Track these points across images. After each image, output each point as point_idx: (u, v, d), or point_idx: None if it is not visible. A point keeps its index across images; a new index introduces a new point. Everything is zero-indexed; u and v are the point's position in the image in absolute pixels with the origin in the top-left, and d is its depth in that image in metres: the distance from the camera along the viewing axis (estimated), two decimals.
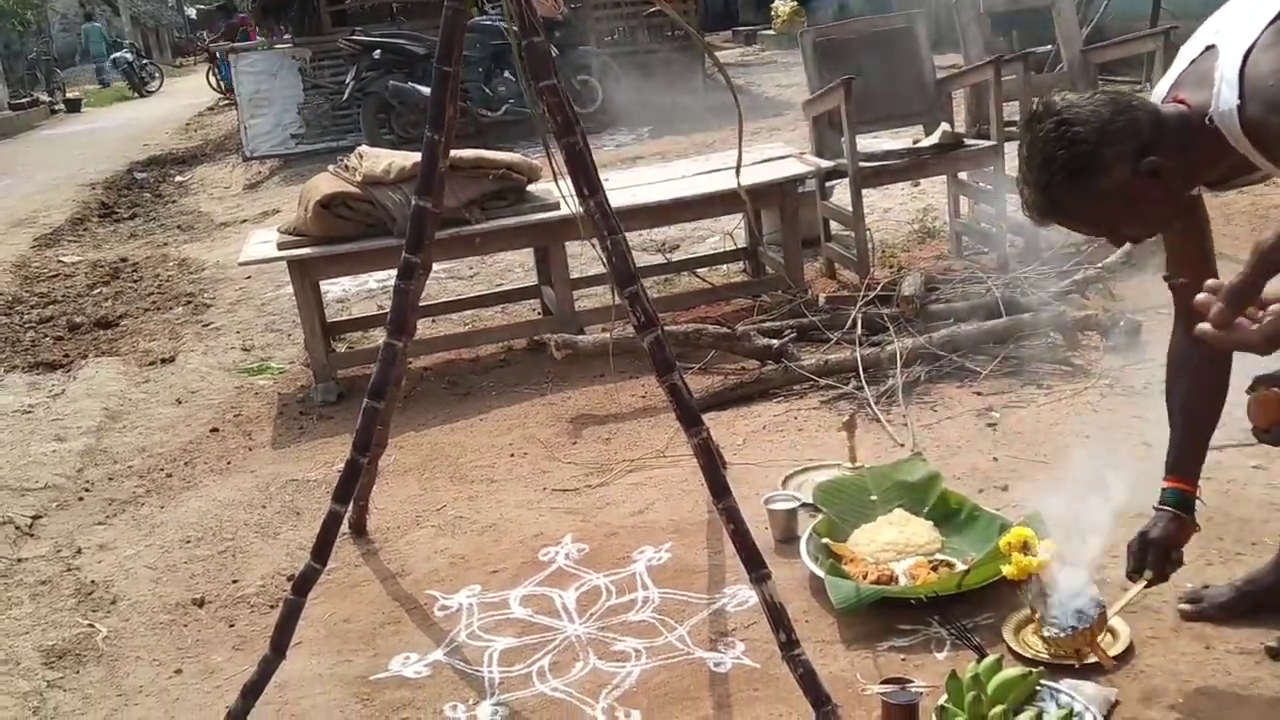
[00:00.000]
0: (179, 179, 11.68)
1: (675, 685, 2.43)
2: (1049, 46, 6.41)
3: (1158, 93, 2.08)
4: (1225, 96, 1.88)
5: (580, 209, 2.24)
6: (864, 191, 4.77)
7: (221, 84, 18.95)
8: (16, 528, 3.65)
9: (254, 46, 12.66)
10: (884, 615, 2.51)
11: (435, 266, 3.30)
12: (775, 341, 4.09)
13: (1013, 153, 4.91)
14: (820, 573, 2.62)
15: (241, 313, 6.02)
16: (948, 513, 2.85)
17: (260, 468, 3.93)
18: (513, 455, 3.75)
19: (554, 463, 3.65)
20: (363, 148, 4.58)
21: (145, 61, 26.64)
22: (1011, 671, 2.14)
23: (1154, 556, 2.28)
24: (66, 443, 4.37)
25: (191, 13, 25.42)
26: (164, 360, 5.30)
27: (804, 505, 3.01)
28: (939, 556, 2.68)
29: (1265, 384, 1.88)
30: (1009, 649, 2.34)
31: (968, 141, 4.93)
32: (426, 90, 9.69)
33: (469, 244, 4.44)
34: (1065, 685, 2.18)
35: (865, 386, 3.76)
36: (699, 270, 5.29)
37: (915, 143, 5.02)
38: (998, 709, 2.06)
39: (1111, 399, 3.51)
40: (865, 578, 2.59)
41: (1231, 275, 1.38)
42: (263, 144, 11.58)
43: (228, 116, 15.79)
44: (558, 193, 4.35)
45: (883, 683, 2.20)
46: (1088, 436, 3.28)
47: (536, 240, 4.70)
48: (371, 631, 2.80)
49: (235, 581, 3.15)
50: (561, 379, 4.35)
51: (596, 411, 4.03)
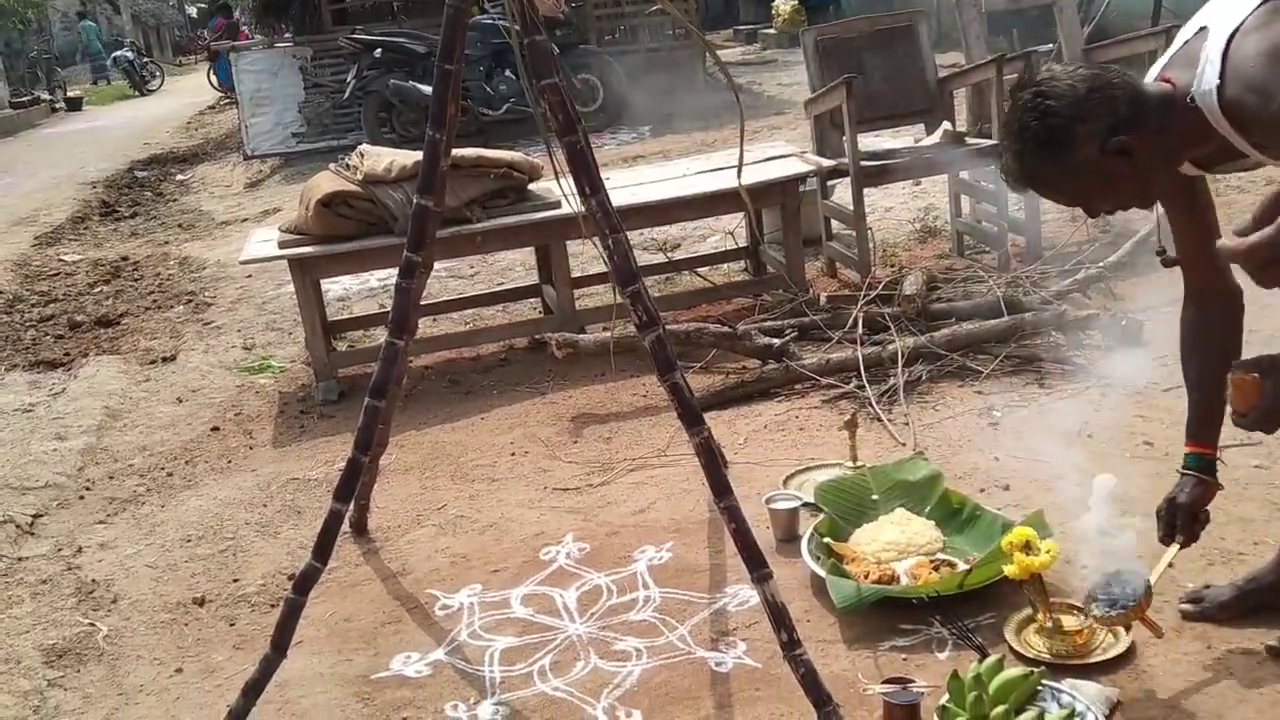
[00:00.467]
0: (180, 178, 11.68)
1: (676, 685, 2.42)
2: (1050, 45, 6.41)
3: (1151, 74, 2.09)
4: (1207, 76, 1.90)
5: (582, 208, 2.24)
6: (865, 190, 4.77)
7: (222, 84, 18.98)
8: (17, 526, 3.65)
9: (246, 46, 12.64)
10: (885, 615, 2.51)
11: (436, 265, 3.30)
12: (776, 340, 4.09)
13: None
14: (822, 572, 2.62)
15: (242, 311, 6.02)
16: (949, 512, 2.85)
17: (261, 466, 3.93)
18: (514, 454, 3.75)
19: (555, 462, 3.65)
20: (364, 146, 4.57)
21: (146, 60, 26.65)
22: (1013, 671, 2.14)
23: (1183, 520, 2.29)
24: (67, 441, 4.37)
25: (192, 11, 25.42)
26: (165, 359, 5.30)
27: (805, 504, 3.00)
28: (940, 556, 2.68)
29: (1244, 369, 1.90)
30: (1010, 649, 2.34)
31: (969, 140, 4.92)
32: (427, 89, 9.67)
33: (470, 243, 4.44)
34: (1067, 685, 2.18)
35: (867, 386, 3.75)
36: (700, 269, 5.29)
37: (917, 141, 5.02)
38: (999, 709, 2.06)
39: (1114, 398, 3.51)
40: (867, 577, 2.59)
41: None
42: (264, 143, 11.57)
43: (228, 115, 15.79)
44: (559, 191, 4.36)
45: (884, 683, 2.20)
46: (1090, 436, 3.28)
47: (537, 239, 4.69)
48: (372, 630, 2.80)
49: (236, 580, 3.15)
50: (562, 378, 4.35)
51: (597, 410, 4.02)
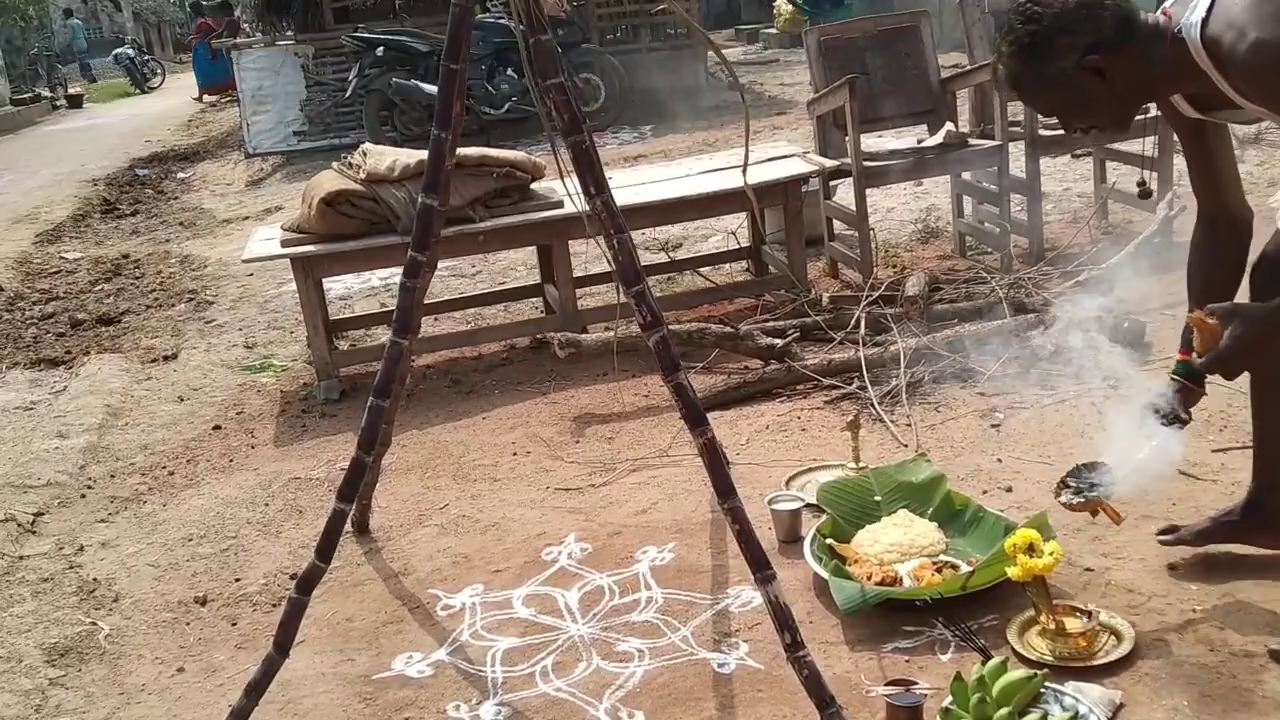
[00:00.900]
0: (181, 176, 11.67)
1: (679, 686, 2.42)
2: None
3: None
4: (1197, 10, 1.98)
5: (586, 208, 2.23)
6: (867, 191, 4.77)
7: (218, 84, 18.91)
8: (19, 525, 3.64)
9: (248, 45, 12.64)
10: (888, 617, 2.51)
11: (438, 264, 3.29)
12: (778, 341, 4.08)
13: (1017, 154, 4.95)
14: (824, 574, 2.62)
15: (244, 310, 6.02)
16: (952, 514, 2.85)
17: (263, 465, 3.92)
18: (515, 454, 3.75)
19: (557, 462, 3.65)
20: (367, 145, 4.57)
21: (147, 57, 26.63)
22: (1016, 673, 2.14)
23: (1168, 421, 2.36)
24: (69, 440, 4.37)
25: None
26: (166, 357, 5.30)
27: (808, 506, 3.00)
28: (943, 558, 2.67)
29: (1207, 312, 2.00)
30: (1013, 651, 2.33)
31: (972, 141, 4.92)
32: (429, 88, 9.70)
33: (472, 242, 4.44)
34: (1070, 688, 2.17)
35: (869, 387, 3.75)
36: (702, 269, 5.29)
37: (919, 142, 5.02)
38: (1003, 711, 2.05)
39: (1116, 400, 3.50)
40: (869, 579, 2.59)
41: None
42: (265, 141, 11.57)
43: (230, 113, 15.79)
44: (561, 191, 4.36)
45: (887, 684, 2.20)
46: (1092, 437, 3.28)
47: (540, 239, 4.69)
48: (374, 630, 2.80)
49: (238, 580, 3.15)
50: (564, 378, 4.35)
51: (599, 410, 4.02)
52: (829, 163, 4.86)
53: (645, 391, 4.12)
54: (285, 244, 4.32)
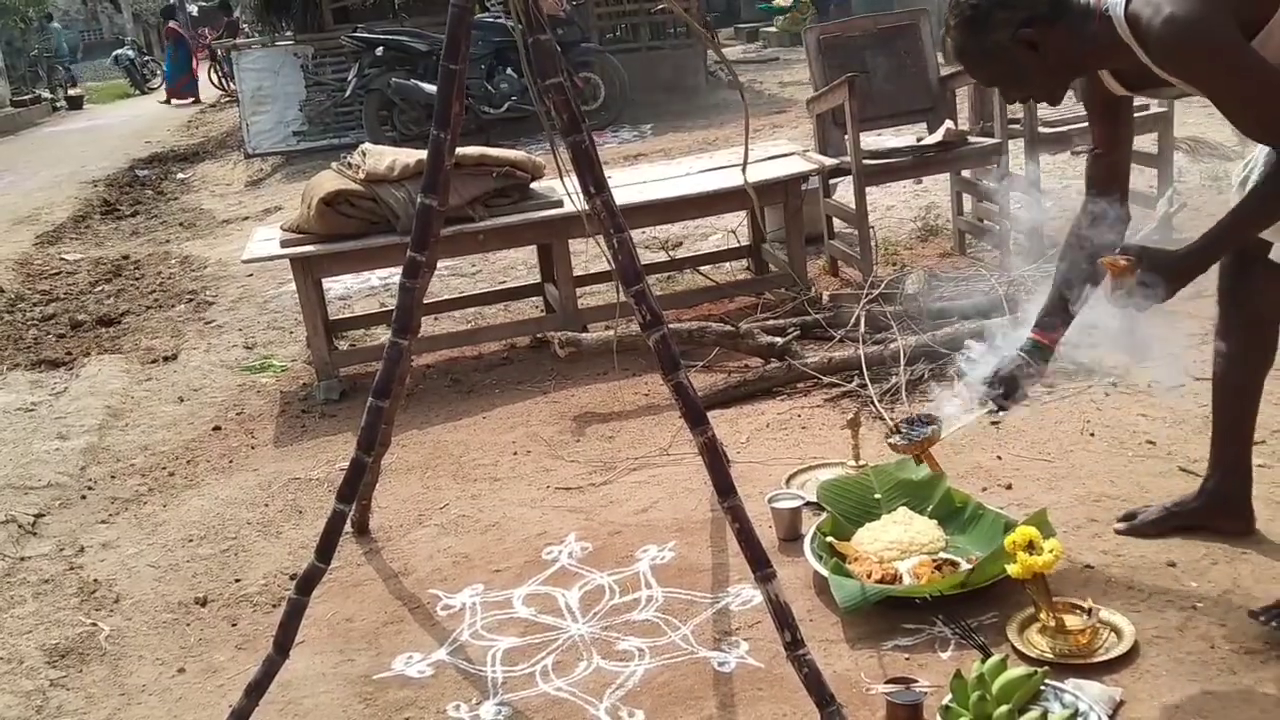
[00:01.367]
0: (181, 176, 11.67)
1: (679, 685, 2.42)
2: None
3: None
4: None
5: (585, 207, 2.23)
6: (867, 189, 4.76)
7: (222, 81, 18.99)
8: (19, 526, 3.65)
9: (247, 45, 12.66)
10: (888, 614, 2.51)
11: (438, 264, 3.29)
12: (779, 339, 4.08)
13: (1016, 151, 4.94)
14: (825, 572, 2.62)
15: (243, 310, 6.01)
16: (952, 511, 2.85)
17: (263, 466, 3.93)
18: (515, 453, 3.75)
19: (557, 461, 3.65)
20: (366, 145, 4.57)
21: (147, 59, 26.61)
22: (1016, 671, 2.14)
23: (1004, 388, 2.56)
24: (69, 441, 4.37)
25: (193, 10, 25.33)
26: (166, 358, 5.30)
27: (808, 504, 3.00)
28: (943, 555, 2.67)
29: (1122, 253, 2.16)
30: (1013, 648, 2.33)
31: (971, 139, 4.91)
32: (429, 87, 9.69)
33: (472, 241, 4.44)
34: (1070, 685, 2.18)
35: (869, 384, 3.75)
36: (702, 268, 5.29)
37: (919, 140, 5.01)
38: (1003, 709, 2.05)
39: (1115, 397, 3.51)
40: (869, 577, 2.59)
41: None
42: (264, 141, 11.56)
43: (229, 114, 15.78)
44: (561, 190, 4.36)
45: (887, 682, 2.20)
46: (1092, 435, 3.28)
47: (540, 238, 4.69)
48: (374, 631, 2.80)
49: (238, 580, 3.15)
50: (564, 377, 4.35)
51: (599, 409, 4.02)
52: (829, 161, 4.86)
53: (645, 390, 4.12)
54: (285, 244, 4.32)
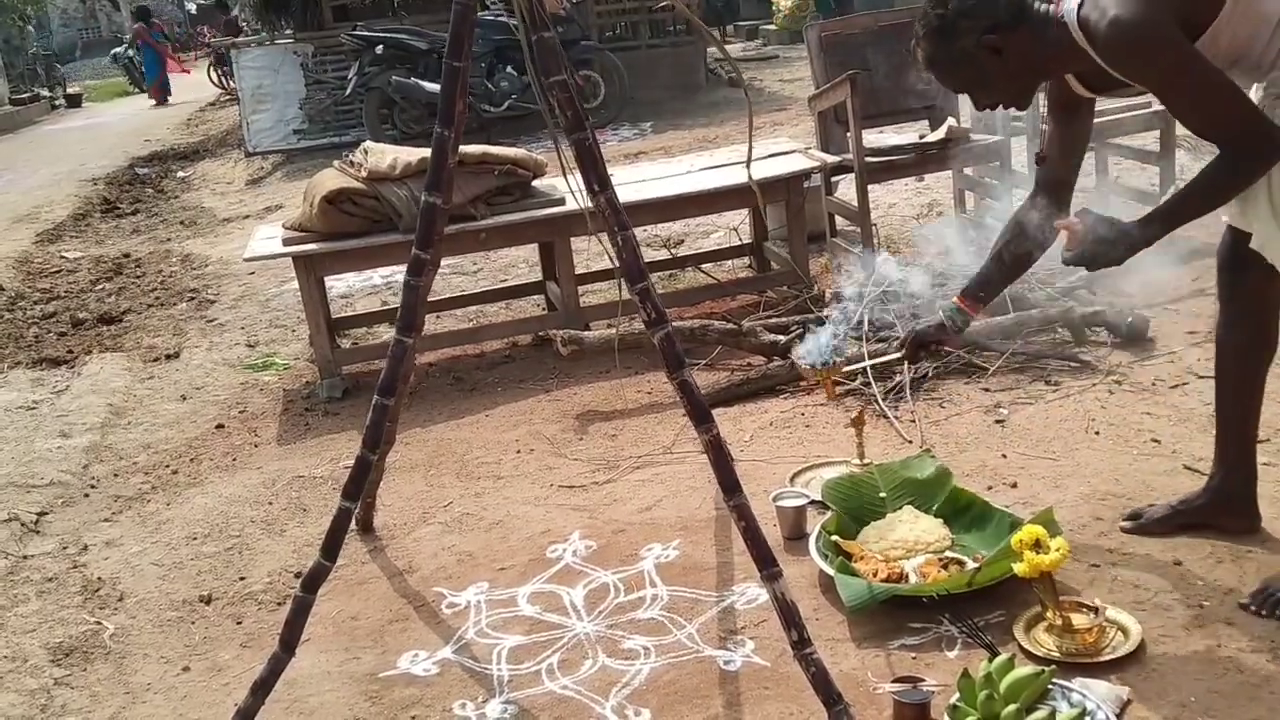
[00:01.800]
0: (181, 174, 11.66)
1: (685, 684, 2.42)
2: None
3: None
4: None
5: (589, 205, 2.23)
6: (869, 186, 4.76)
7: (222, 79, 19.04)
8: (22, 524, 3.64)
9: (247, 44, 12.65)
10: (894, 614, 2.51)
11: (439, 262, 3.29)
12: (782, 337, 4.08)
13: (1019, 150, 4.94)
14: (830, 570, 2.61)
15: (245, 308, 6.01)
16: (957, 510, 2.84)
17: (266, 464, 3.92)
18: (519, 451, 3.74)
19: (560, 459, 3.64)
20: (368, 143, 4.56)
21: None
22: (1024, 670, 2.14)
23: (909, 343, 2.79)
24: (71, 439, 4.36)
25: (191, 8, 25.32)
26: (168, 356, 5.30)
27: (812, 502, 3.00)
28: (949, 554, 2.67)
29: (1078, 214, 2.30)
30: (1020, 647, 2.33)
31: (974, 136, 4.91)
32: (429, 86, 9.68)
33: (474, 240, 4.43)
34: (1077, 684, 2.17)
35: (873, 383, 3.74)
36: (704, 266, 5.28)
37: (921, 138, 5.01)
38: (1010, 708, 2.05)
39: (1120, 395, 3.50)
40: (875, 576, 2.58)
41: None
42: (265, 139, 11.56)
43: (229, 112, 15.77)
44: (562, 188, 4.35)
45: (894, 681, 2.20)
46: (1097, 433, 3.27)
47: (542, 236, 4.69)
48: (379, 629, 2.79)
49: (242, 578, 3.15)
50: (567, 375, 4.35)
51: (602, 408, 4.02)
52: (831, 158, 4.86)
53: (648, 388, 4.11)
54: (287, 242, 4.31)
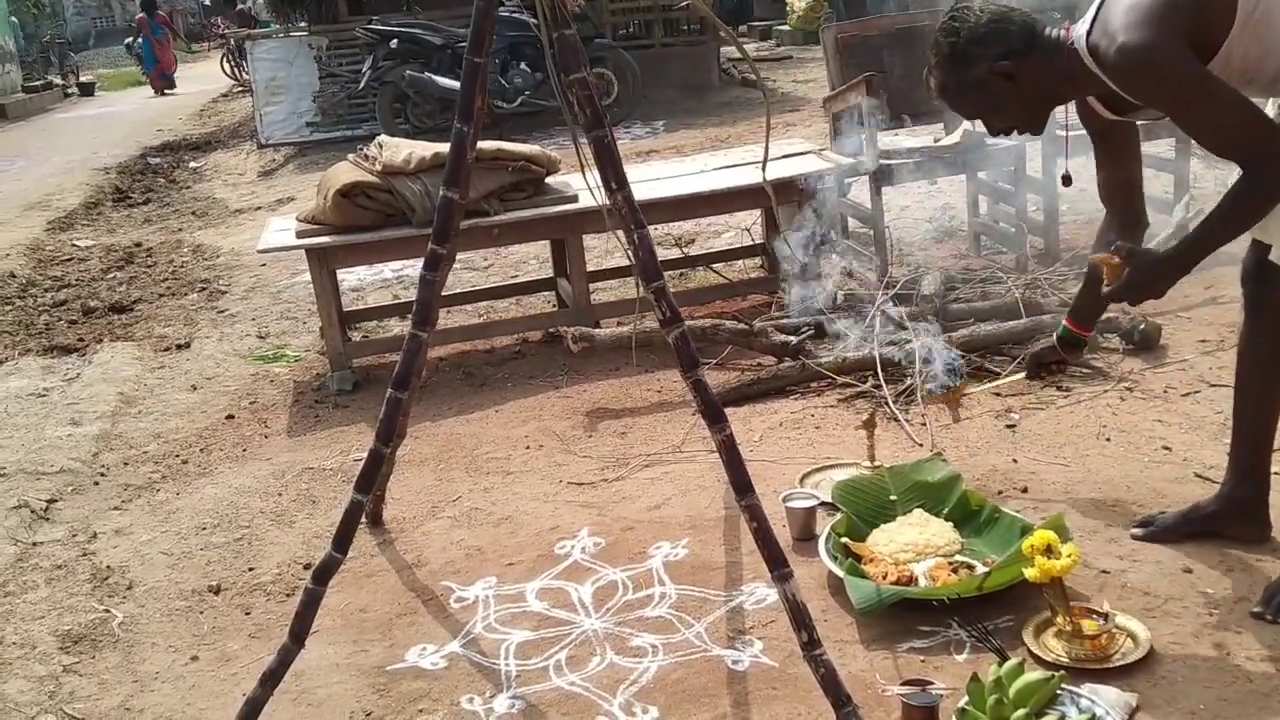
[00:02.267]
0: (193, 165, 11.68)
1: (693, 682, 2.42)
2: None
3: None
4: (1084, 22, 2.29)
5: (605, 202, 2.23)
6: (882, 189, 4.75)
7: (235, 71, 19.12)
8: (32, 511, 3.65)
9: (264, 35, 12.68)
10: (903, 616, 2.50)
11: None
12: (793, 338, 4.08)
13: (1034, 153, 4.93)
14: (840, 572, 2.61)
15: (256, 300, 6.02)
16: (968, 514, 2.84)
17: (276, 455, 3.93)
18: (528, 447, 3.74)
19: (570, 456, 3.65)
20: (383, 137, 4.57)
21: None
22: (1033, 675, 2.13)
23: (1029, 363, 2.92)
24: (82, 427, 4.37)
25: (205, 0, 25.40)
26: (179, 346, 5.31)
27: (822, 504, 2.99)
28: (959, 558, 2.66)
29: (1115, 252, 2.29)
30: (1029, 652, 2.33)
31: (988, 141, 4.90)
32: (443, 81, 9.69)
33: (487, 235, 4.44)
34: (1086, 690, 2.17)
35: (883, 385, 3.74)
36: (715, 265, 5.28)
37: (935, 141, 5.00)
38: (1019, 712, 2.05)
39: (1131, 402, 3.50)
40: (885, 578, 2.58)
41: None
42: (278, 131, 11.58)
43: (242, 103, 15.80)
44: (575, 185, 4.35)
45: (903, 684, 2.19)
46: (1108, 440, 3.27)
47: (554, 233, 4.69)
48: (388, 622, 2.80)
49: (251, 569, 3.15)
50: (577, 372, 4.35)
51: (612, 405, 4.02)
52: (845, 160, 4.85)
53: (658, 387, 4.11)
54: (300, 235, 4.32)
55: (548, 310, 5.02)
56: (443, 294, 4.51)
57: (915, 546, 2.68)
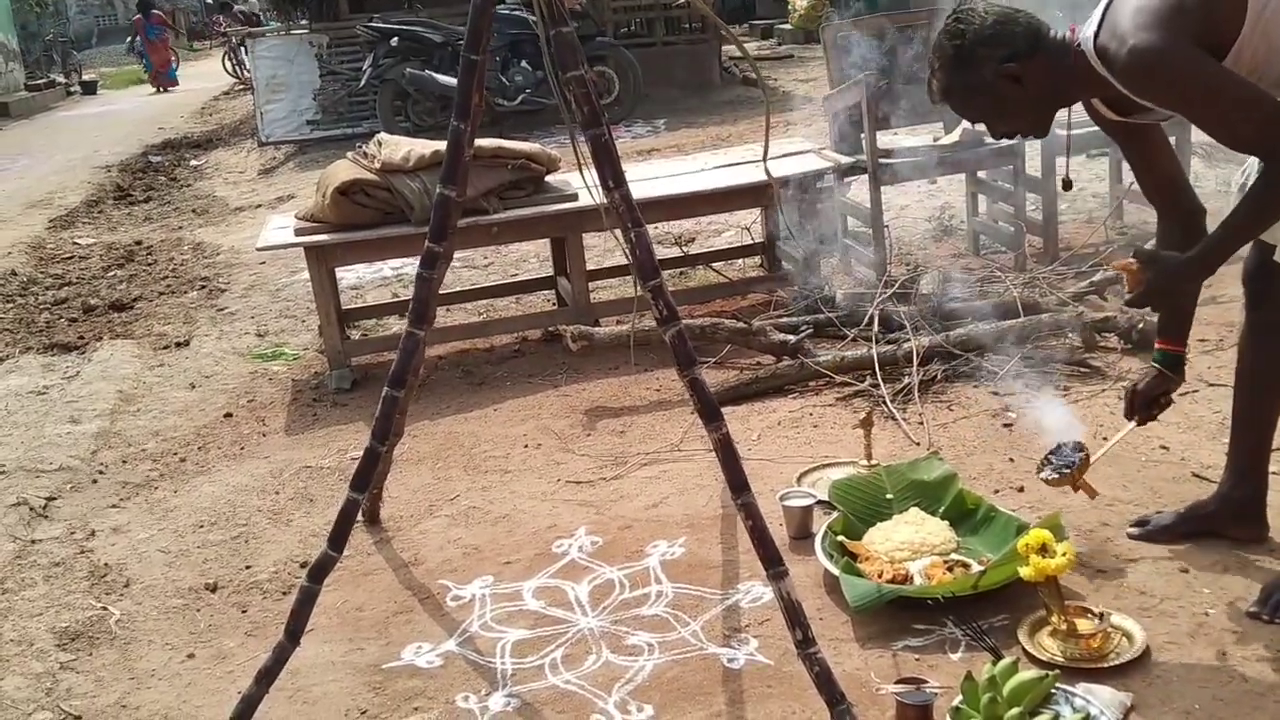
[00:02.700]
0: (194, 163, 11.68)
1: (688, 681, 2.42)
2: None
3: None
4: (1091, 24, 2.27)
5: (603, 200, 2.23)
6: (882, 188, 4.75)
7: (236, 69, 19.14)
8: (31, 509, 3.66)
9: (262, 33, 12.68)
10: (898, 615, 2.51)
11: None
12: (791, 337, 4.08)
13: (1033, 153, 4.93)
14: (836, 571, 2.62)
15: (255, 298, 6.02)
16: (964, 513, 2.84)
17: (274, 453, 3.93)
18: (526, 446, 3.75)
19: (568, 454, 3.65)
20: (382, 135, 4.57)
21: None
22: (1027, 674, 2.14)
23: (1140, 404, 2.62)
24: (81, 425, 4.38)
25: None
26: (178, 344, 5.31)
27: (819, 502, 2.99)
28: (954, 557, 2.67)
29: (1134, 258, 2.24)
30: (1024, 651, 2.33)
31: (987, 140, 4.89)
32: (443, 79, 9.68)
33: (486, 234, 4.44)
34: (1080, 689, 2.17)
35: (881, 384, 3.74)
36: (715, 264, 5.28)
37: (935, 140, 5.00)
38: (1013, 711, 2.05)
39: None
40: (880, 577, 2.59)
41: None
42: (278, 129, 11.57)
43: (243, 101, 15.80)
44: (575, 184, 4.35)
45: (897, 682, 2.20)
46: (1105, 438, 3.26)
47: (554, 231, 4.69)
48: (384, 620, 2.80)
49: (248, 567, 3.16)
50: (575, 370, 4.35)
51: (611, 404, 4.02)
52: (844, 159, 4.85)
53: (657, 386, 4.12)
54: (299, 232, 4.32)
55: (547, 309, 5.02)
56: (442, 292, 4.53)
57: (911, 545, 2.68)
